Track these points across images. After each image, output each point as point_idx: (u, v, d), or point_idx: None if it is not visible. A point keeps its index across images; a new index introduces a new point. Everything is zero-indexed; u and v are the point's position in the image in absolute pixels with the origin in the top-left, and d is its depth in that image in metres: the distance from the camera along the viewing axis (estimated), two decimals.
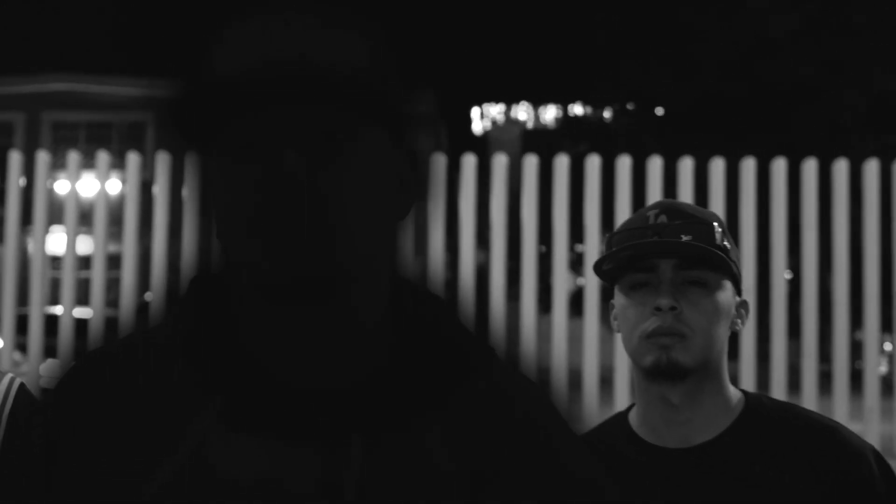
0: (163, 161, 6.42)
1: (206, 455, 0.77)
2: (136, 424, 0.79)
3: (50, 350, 6.41)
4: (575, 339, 6.16)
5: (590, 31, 19.70)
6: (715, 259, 1.37)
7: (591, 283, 6.14)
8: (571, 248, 6.77)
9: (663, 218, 1.39)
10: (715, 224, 1.40)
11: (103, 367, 0.84)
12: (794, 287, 6.22)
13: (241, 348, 0.81)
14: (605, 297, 1.55)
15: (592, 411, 5.77)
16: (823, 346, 6.28)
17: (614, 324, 1.45)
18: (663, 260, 1.37)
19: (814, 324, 6.19)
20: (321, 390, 0.79)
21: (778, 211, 6.24)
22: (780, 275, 6.23)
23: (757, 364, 6.15)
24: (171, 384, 0.80)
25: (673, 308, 1.35)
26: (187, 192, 6.66)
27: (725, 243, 1.40)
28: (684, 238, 1.36)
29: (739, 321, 1.44)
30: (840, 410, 6.09)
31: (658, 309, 1.35)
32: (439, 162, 6.35)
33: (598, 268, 1.43)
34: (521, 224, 6.38)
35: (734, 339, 5.38)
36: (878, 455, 1.37)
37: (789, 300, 6.23)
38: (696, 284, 1.37)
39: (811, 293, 6.19)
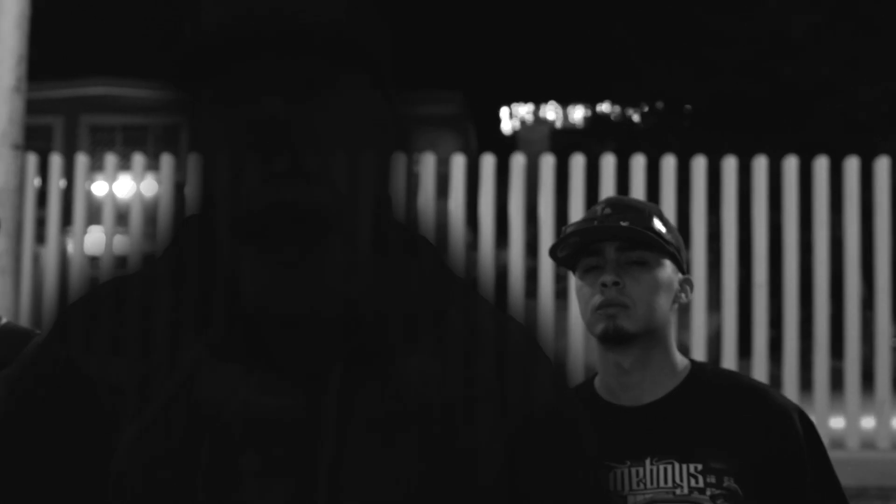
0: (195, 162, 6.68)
1: (196, 385, 0.81)
2: (128, 358, 0.84)
3: None
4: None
5: (614, 31, 19.84)
6: (648, 239, 1.59)
7: None
8: None
9: (608, 210, 1.62)
10: (652, 212, 1.62)
11: (98, 305, 0.89)
12: (806, 283, 6.34)
13: (229, 283, 0.85)
14: None
15: None
16: (837, 343, 6.40)
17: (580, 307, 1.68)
18: (607, 244, 1.59)
19: (825, 319, 6.31)
20: (305, 323, 0.83)
21: (790, 208, 6.38)
22: (792, 271, 6.37)
23: (769, 360, 6.30)
24: (163, 319, 0.85)
25: (616, 283, 1.57)
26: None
27: (661, 228, 1.62)
28: (623, 223, 1.58)
29: (683, 295, 1.66)
30: (852, 405, 6.22)
31: (604, 285, 1.58)
32: (459, 162, 6.57)
33: (553, 254, 1.66)
34: (538, 222, 6.57)
35: (746, 335, 5.56)
36: (802, 413, 1.59)
37: (801, 296, 6.36)
38: (637, 264, 1.59)
39: (822, 289, 6.33)
